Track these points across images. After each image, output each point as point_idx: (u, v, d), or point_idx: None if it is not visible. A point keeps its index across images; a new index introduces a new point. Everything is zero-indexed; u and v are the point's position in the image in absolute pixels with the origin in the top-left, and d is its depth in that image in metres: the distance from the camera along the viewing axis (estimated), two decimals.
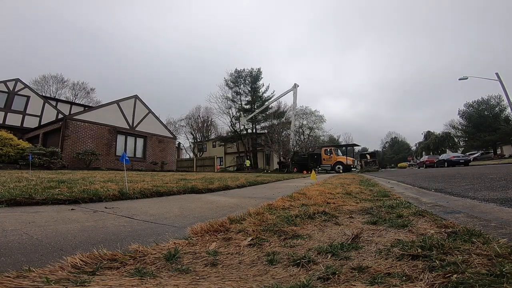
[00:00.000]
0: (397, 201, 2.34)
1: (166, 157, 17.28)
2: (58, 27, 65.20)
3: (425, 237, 1.16)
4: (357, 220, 1.72)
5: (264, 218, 1.69)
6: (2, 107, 15.20)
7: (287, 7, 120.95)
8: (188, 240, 1.28)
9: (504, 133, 32.88)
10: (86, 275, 0.85)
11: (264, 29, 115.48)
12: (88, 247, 1.23)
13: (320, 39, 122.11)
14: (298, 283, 0.79)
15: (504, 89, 19.10)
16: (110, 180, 4.58)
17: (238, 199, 3.29)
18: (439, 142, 48.35)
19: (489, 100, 39.07)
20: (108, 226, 1.69)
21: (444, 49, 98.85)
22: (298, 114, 28.59)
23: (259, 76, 31.64)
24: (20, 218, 1.85)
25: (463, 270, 0.79)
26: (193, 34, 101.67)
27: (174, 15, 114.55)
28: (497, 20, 76.04)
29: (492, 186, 3.52)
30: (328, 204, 2.38)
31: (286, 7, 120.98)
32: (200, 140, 38.37)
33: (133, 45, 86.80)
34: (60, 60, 57.27)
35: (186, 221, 1.89)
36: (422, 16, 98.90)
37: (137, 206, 2.58)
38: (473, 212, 1.88)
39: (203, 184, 4.58)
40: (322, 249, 1.11)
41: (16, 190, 2.83)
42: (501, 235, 1.20)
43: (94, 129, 13.53)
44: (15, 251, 1.17)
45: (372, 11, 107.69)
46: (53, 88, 36.14)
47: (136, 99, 16.34)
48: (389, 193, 3.19)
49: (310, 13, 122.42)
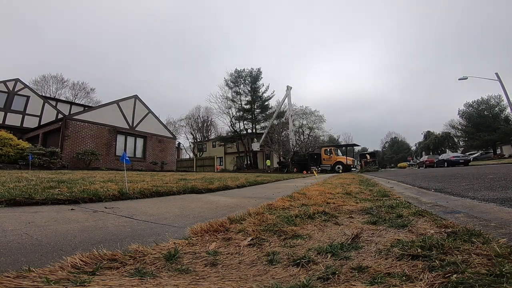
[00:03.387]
0: (397, 201, 2.34)
1: (166, 157, 17.28)
2: (58, 26, 65.19)
3: (425, 237, 1.16)
4: (357, 220, 1.72)
5: (264, 218, 1.69)
6: (2, 107, 15.19)
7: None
8: (188, 240, 1.28)
9: (504, 133, 32.90)
10: (86, 275, 0.85)
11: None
12: (88, 247, 1.23)
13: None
14: (298, 283, 0.79)
15: (504, 89, 19.11)
16: (110, 180, 4.58)
17: (238, 199, 3.29)
18: (439, 142, 48.39)
19: (489, 100, 39.10)
20: (108, 226, 1.69)
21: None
22: (298, 114, 28.55)
23: (259, 76, 31.65)
24: (20, 218, 1.85)
25: (463, 270, 0.79)
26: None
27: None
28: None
29: (492, 186, 3.52)
30: (328, 204, 2.38)
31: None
32: (200, 140, 38.40)
33: (134, 45, 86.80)
34: (60, 60, 57.36)
35: (186, 221, 1.89)
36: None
37: (137, 206, 2.58)
38: (473, 212, 1.88)
39: (203, 184, 4.58)
40: (322, 249, 1.11)
41: (16, 190, 2.83)
42: (501, 235, 1.20)
43: (94, 129, 13.53)
44: (15, 251, 1.17)
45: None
46: (53, 88, 36.19)
47: (136, 99, 16.34)
48: (389, 193, 3.19)
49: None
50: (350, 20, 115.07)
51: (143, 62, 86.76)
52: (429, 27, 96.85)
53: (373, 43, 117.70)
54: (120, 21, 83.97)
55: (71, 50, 64.17)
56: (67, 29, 64.33)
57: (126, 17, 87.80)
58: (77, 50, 65.11)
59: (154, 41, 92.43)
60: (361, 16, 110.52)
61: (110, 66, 73.22)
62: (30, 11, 58.48)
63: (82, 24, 68.25)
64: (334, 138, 54.64)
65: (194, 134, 39.71)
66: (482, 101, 39.92)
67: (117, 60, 77.72)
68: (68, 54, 61.92)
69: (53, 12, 63.12)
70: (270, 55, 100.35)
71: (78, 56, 64.24)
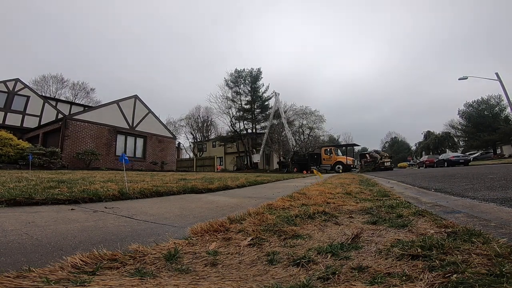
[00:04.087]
0: (397, 201, 2.34)
1: (166, 157, 17.28)
2: (57, 25, 65.16)
3: (425, 237, 1.16)
4: (357, 220, 1.72)
5: (264, 218, 1.69)
6: (2, 107, 15.20)
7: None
8: (188, 240, 1.28)
9: (504, 133, 32.88)
10: (86, 275, 0.85)
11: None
12: (88, 247, 1.23)
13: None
14: (298, 283, 0.79)
15: (504, 89, 19.09)
16: (110, 180, 4.58)
17: (238, 199, 3.29)
18: (439, 142, 48.37)
19: (489, 100, 39.09)
20: (108, 226, 1.69)
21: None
22: (298, 114, 28.57)
23: (259, 76, 31.61)
24: (20, 218, 1.85)
25: (463, 270, 0.79)
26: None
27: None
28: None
29: (492, 186, 3.52)
30: (328, 204, 2.38)
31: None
32: (200, 140, 38.38)
33: (133, 45, 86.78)
34: (60, 60, 57.36)
35: (186, 221, 1.89)
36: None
37: (137, 206, 2.58)
38: (473, 212, 1.88)
39: (203, 184, 4.58)
40: (322, 249, 1.11)
41: (16, 190, 2.83)
42: (501, 235, 1.20)
43: (94, 129, 13.53)
44: (15, 251, 1.17)
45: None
46: (53, 88, 36.22)
47: (136, 99, 16.35)
48: (389, 193, 3.19)
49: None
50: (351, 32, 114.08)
51: (143, 62, 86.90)
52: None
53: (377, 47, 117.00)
54: (120, 21, 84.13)
55: (70, 50, 64.17)
56: (68, 28, 64.33)
57: (127, 18, 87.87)
58: (77, 50, 65.14)
59: (154, 41, 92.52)
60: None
61: (110, 66, 73.26)
62: (30, 11, 58.43)
63: (81, 24, 68.23)
64: (334, 138, 54.62)
65: (194, 134, 39.73)
66: (482, 101, 39.93)
67: (118, 60, 77.79)
68: (69, 54, 61.97)
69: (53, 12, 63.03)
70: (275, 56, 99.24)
71: (77, 56, 64.29)
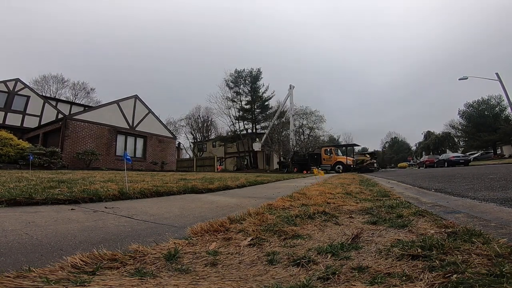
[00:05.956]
0: (397, 201, 2.34)
1: (166, 157, 17.28)
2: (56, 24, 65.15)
3: (425, 237, 1.16)
4: (357, 220, 1.72)
5: (264, 218, 1.69)
6: (2, 107, 15.20)
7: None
8: (188, 240, 1.28)
9: (504, 133, 32.87)
10: (86, 275, 0.85)
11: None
12: (88, 247, 1.23)
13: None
14: (298, 283, 0.79)
15: (504, 89, 19.10)
16: (110, 180, 4.58)
17: (238, 199, 3.29)
18: (439, 142, 48.40)
19: (489, 100, 39.08)
20: (108, 226, 1.69)
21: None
22: (298, 113, 28.55)
23: (259, 76, 31.64)
24: (20, 218, 1.85)
25: (463, 270, 0.79)
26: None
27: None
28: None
29: (492, 186, 3.52)
30: (328, 204, 2.37)
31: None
32: (200, 140, 38.36)
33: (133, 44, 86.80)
34: (60, 60, 57.39)
35: (186, 221, 1.89)
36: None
37: (137, 206, 2.58)
38: (473, 212, 1.88)
39: (203, 184, 4.58)
40: (322, 249, 1.11)
41: (16, 190, 2.83)
42: (501, 235, 1.20)
43: (94, 129, 13.54)
44: (15, 251, 1.17)
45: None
46: (53, 88, 36.25)
47: (136, 99, 16.35)
48: (389, 193, 3.19)
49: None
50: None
51: (143, 61, 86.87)
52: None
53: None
54: (119, 22, 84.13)
55: (71, 50, 64.17)
56: (67, 29, 64.32)
57: (125, 19, 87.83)
58: (77, 50, 65.15)
59: (155, 41, 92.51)
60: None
61: (110, 66, 73.28)
62: (30, 11, 58.42)
63: (82, 25, 68.24)
64: (334, 138, 54.59)
65: (194, 134, 39.69)
66: (482, 101, 39.92)
67: (118, 60, 77.84)
68: (68, 54, 61.99)
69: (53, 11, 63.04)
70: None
71: (78, 56, 64.31)
